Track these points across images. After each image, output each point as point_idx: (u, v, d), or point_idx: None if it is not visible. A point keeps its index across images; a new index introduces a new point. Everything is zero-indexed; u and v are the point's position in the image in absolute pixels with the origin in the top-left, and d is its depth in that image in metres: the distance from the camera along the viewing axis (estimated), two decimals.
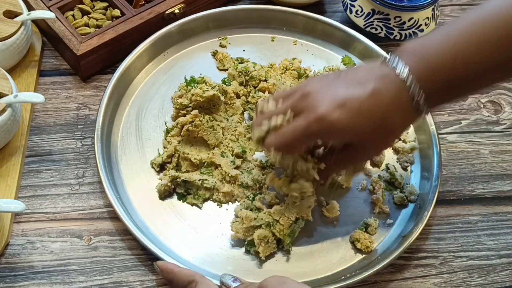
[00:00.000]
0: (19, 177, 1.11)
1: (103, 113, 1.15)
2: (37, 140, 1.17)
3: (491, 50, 0.92)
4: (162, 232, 1.08)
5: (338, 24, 1.29)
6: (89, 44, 1.20)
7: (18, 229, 1.07)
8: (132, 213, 1.08)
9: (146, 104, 1.21)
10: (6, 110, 1.08)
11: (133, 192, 1.11)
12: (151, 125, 1.18)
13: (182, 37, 1.28)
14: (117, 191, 1.09)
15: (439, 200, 1.13)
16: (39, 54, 1.25)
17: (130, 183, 1.12)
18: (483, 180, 1.18)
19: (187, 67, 1.26)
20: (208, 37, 1.30)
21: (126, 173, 1.13)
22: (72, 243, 1.07)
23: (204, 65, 1.26)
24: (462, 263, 1.09)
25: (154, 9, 1.26)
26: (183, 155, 1.12)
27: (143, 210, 1.10)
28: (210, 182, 1.10)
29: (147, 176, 1.13)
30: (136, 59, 1.22)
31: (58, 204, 1.10)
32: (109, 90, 1.17)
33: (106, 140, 1.14)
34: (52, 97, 1.21)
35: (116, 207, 1.06)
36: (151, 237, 1.06)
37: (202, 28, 1.30)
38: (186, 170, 1.12)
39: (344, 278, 1.03)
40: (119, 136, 1.17)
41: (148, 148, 1.16)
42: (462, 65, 0.92)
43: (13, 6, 1.20)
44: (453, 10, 1.39)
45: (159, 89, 1.23)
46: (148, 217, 1.09)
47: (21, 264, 1.04)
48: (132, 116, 1.19)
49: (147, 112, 1.20)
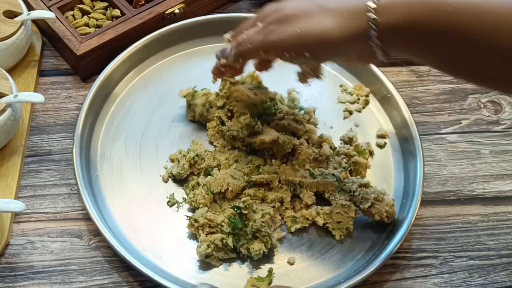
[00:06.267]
0: (19, 177, 1.11)
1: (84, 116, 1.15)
2: (37, 140, 1.17)
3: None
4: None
5: None
6: (89, 44, 1.20)
7: (18, 229, 1.07)
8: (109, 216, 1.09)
9: (134, 105, 1.21)
10: (6, 110, 1.08)
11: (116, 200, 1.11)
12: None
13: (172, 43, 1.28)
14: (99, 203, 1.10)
15: (439, 200, 1.14)
16: (39, 54, 1.25)
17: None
18: (483, 180, 1.18)
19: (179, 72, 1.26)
20: (196, 44, 1.29)
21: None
22: (72, 243, 1.07)
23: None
24: (463, 263, 1.09)
25: (154, 9, 1.26)
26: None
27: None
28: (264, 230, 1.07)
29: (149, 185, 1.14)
30: (121, 64, 1.22)
31: (58, 204, 1.10)
32: (92, 92, 1.17)
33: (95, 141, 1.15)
34: (52, 97, 1.22)
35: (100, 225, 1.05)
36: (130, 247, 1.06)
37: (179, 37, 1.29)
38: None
39: (344, 280, 1.03)
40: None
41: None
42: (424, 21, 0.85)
43: (13, 6, 1.20)
44: None
45: (146, 90, 1.23)
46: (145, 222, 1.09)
47: (21, 264, 1.04)
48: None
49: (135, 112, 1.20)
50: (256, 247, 1.04)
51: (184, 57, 1.28)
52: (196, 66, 1.26)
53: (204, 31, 1.28)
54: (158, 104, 1.21)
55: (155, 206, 1.11)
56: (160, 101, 1.21)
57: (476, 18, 0.83)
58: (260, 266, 1.06)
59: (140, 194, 1.12)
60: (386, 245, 1.06)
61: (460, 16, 0.83)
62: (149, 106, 1.21)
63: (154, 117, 1.20)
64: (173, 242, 1.07)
